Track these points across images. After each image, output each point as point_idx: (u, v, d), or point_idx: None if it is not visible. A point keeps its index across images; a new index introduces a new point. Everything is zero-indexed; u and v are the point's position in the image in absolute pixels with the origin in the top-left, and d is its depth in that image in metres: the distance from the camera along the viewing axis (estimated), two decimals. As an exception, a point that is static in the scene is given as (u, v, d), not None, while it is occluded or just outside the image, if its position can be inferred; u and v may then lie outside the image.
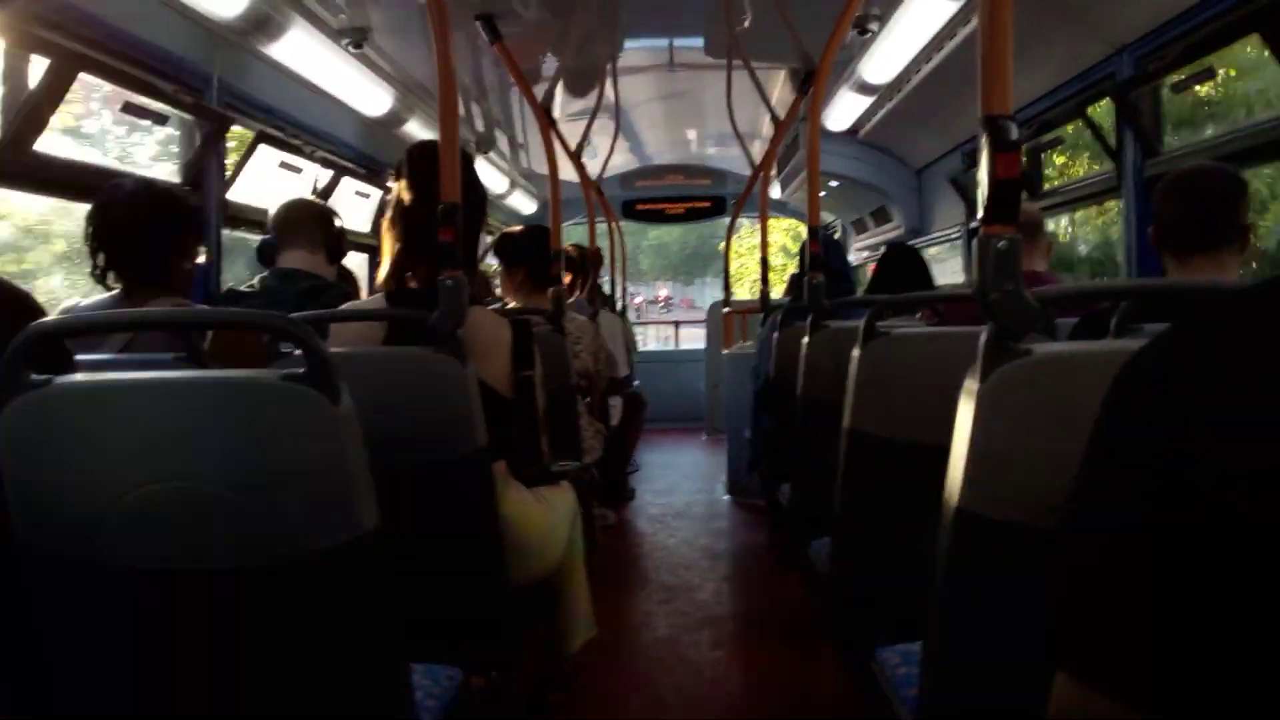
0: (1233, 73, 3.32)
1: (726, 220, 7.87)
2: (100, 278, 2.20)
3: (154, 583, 1.29)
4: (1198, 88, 3.19)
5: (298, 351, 1.27)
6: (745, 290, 19.04)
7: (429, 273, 1.85)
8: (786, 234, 20.28)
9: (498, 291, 3.72)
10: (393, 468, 1.70)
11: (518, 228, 3.84)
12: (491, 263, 3.69)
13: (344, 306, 2.28)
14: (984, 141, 1.22)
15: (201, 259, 2.40)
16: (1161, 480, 0.50)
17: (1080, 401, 1.21)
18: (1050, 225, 4.57)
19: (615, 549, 4.63)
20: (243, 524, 1.26)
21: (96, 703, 1.37)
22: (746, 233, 19.80)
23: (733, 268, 7.74)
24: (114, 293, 2.21)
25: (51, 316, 1.46)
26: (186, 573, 1.29)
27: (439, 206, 1.84)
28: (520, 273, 3.63)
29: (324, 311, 2.23)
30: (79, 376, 1.32)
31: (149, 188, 2.25)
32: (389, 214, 2.18)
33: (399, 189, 2.16)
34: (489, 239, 4.52)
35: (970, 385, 1.28)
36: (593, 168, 6.53)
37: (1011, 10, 1.22)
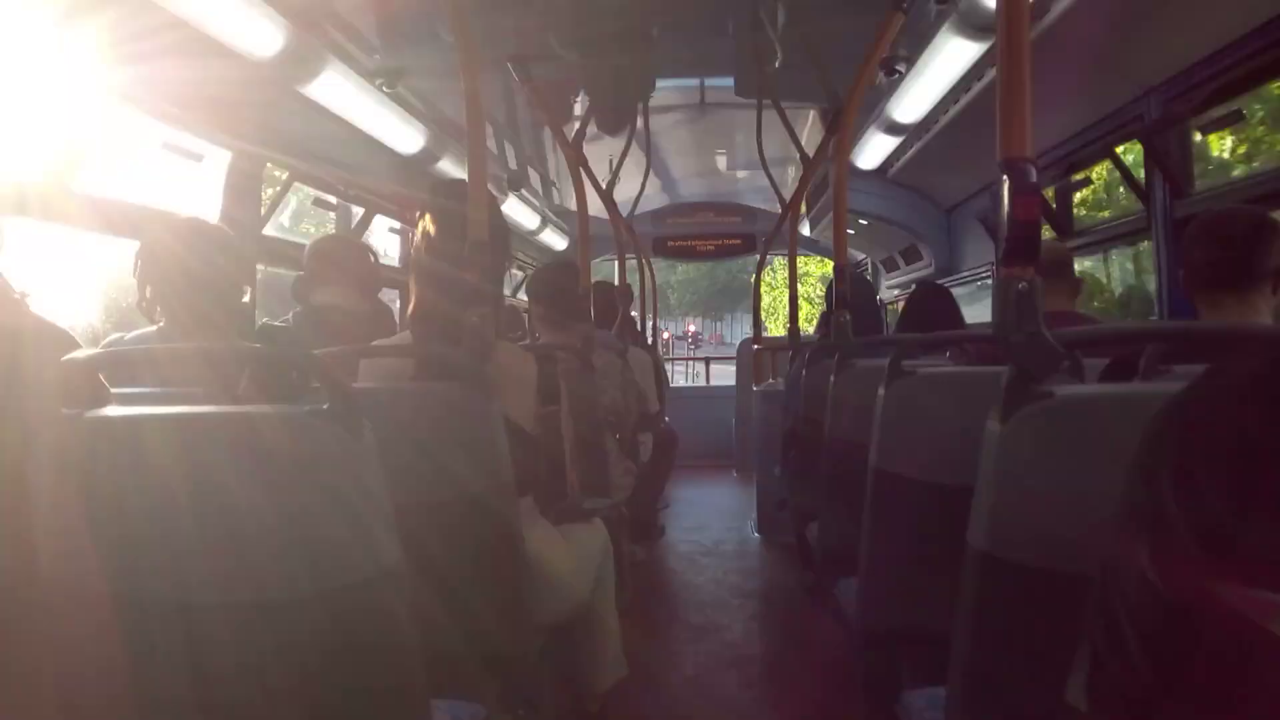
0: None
1: (756, 257, 7.89)
2: (147, 311, 2.25)
3: (178, 617, 1.31)
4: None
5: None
6: (782, 325, 18.94)
7: (455, 309, 1.87)
8: (819, 269, 20.21)
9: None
10: (417, 501, 1.72)
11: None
12: (523, 298, 3.71)
13: (375, 343, 2.31)
14: (1003, 184, 1.23)
15: (246, 297, 2.44)
16: (1197, 532, 0.50)
17: (1102, 444, 1.21)
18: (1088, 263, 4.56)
19: (644, 586, 4.60)
20: (265, 558, 1.27)
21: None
22: (783, 266, 19.71)
23: (766, 302, 7.73)
24: (159, 326, 2.26)
25: (88, 350, 1.49)
26: (210, 608, 1.30)
27: (464, 243, 1.87)
28: (541, 307, 3.65)
29: (352, 348, 2.27)
30: (109, 410, 1.35)
31: (198, 224, 2.31)
32: (416, 250, 2.21)
33: (424, 225, 2.18)
34: (518, 274, 4.55)
35: (992, 426, 1.28)
36: (624, 205, 6.57)
37: (1027, 55, 1.23)
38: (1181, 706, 0.51)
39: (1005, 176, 1.23)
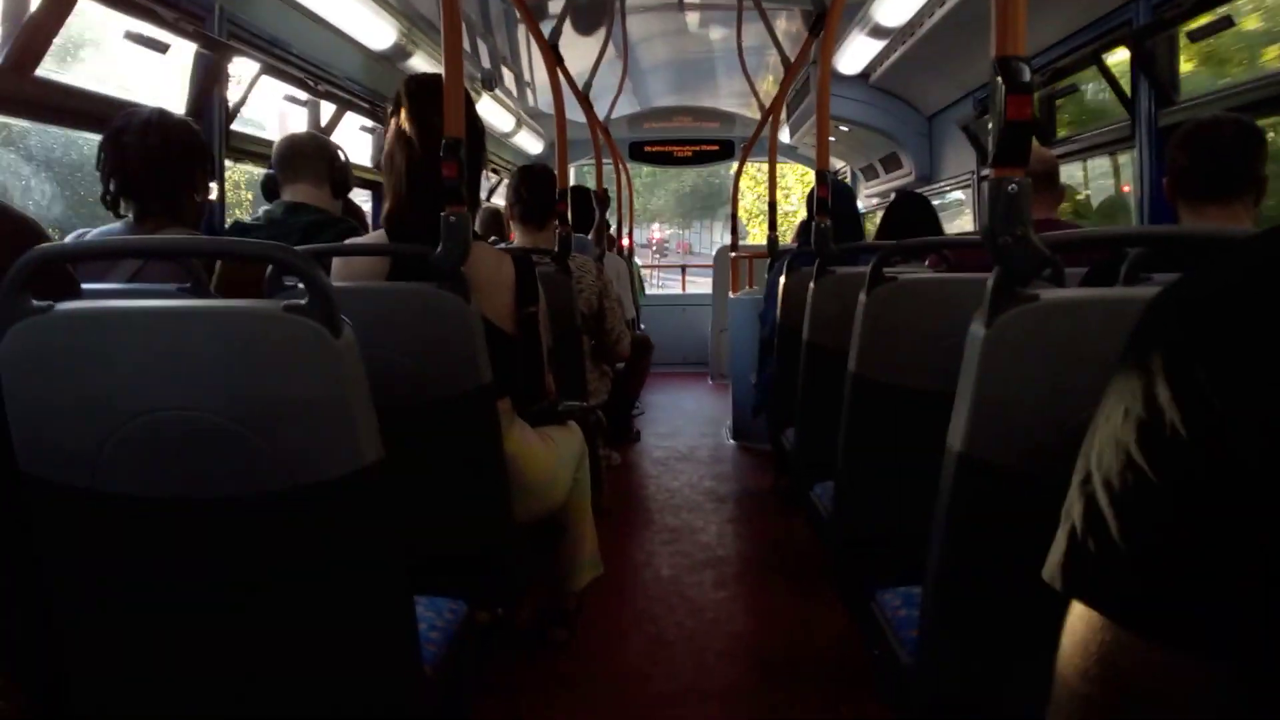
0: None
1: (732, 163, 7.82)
2: (111, 205, 2.20)
3: (154, 511, 1.30)
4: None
5: (300, 285, 1.27)
6: (760, 233, 18.74)
7: (432, 208, 1.83)
8: (800, 180, 19.99)
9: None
10: (396, 403, 1.71)
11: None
12: (500, 201, 3.66)
13: (349, 241, 2.27)
14: (996, 83, 1.20)
15: (213, 193, 2.39)
16: (1179, 426, 0.50)
17: (1086, 347, 1.22)
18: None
19: (620, 490, 4.65)
20: (244, 454, 1.26)
21: (98, 627, 1.39)
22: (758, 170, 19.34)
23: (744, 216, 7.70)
24: (125, 220, 2.21)
25: (57, 243, 1.45)
26: (187, 501, 1.30)
27: (442, 141, 1.82)
28: (518, 209, 3.62)
29: (327, 245, 2.23)
30: (81, 303, 1.32)
31: (162, 117, 2.24)
32: (388, 148, 2.15)
33: (398, 121, 2.12)
34: (493, 177, 4.47)
35: (976, 330, 1.28)
36: (600, 108, 6.46)
37: (1027, -50, 1.20)
38: (1155, 584, 0.52)
39: (998, 76, 1.20)
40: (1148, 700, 0.53)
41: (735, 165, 7.90)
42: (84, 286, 1.48)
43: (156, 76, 3.12)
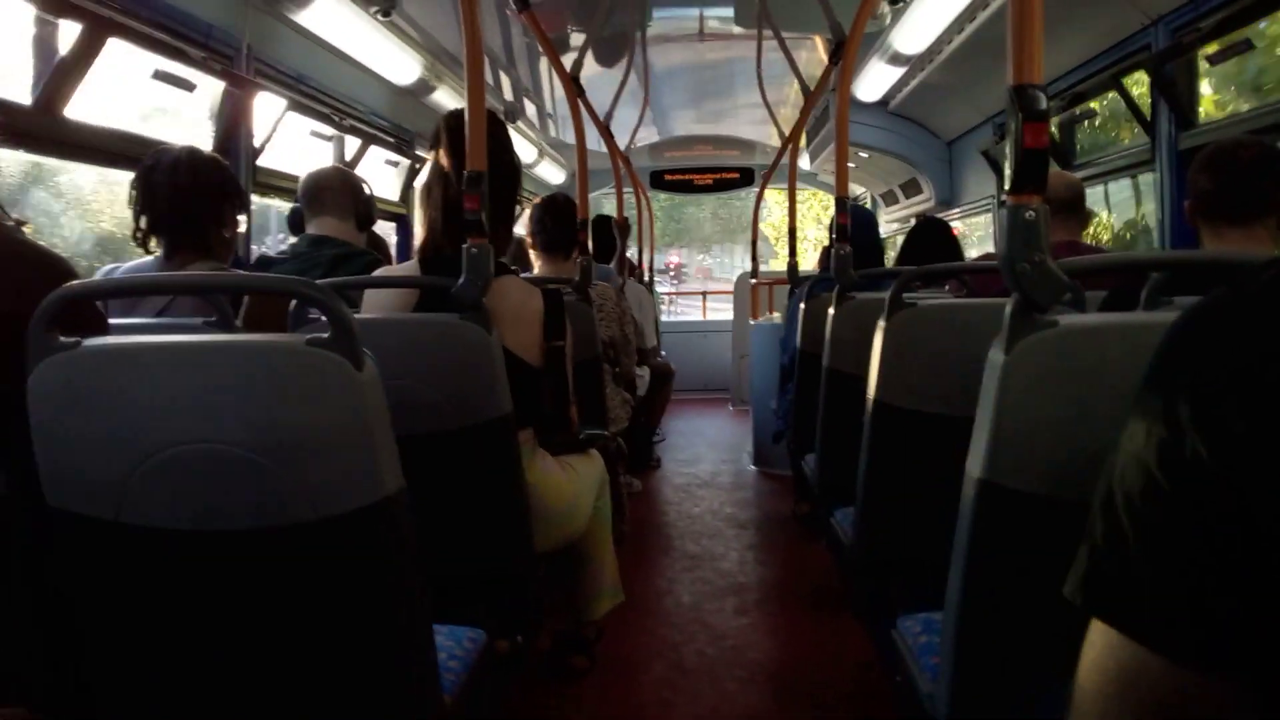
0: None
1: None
2: (142, 242, 2.24)
3: (177, 543, 1.32)
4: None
5: (324, 318, 1.29)
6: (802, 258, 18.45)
7: (463, 240, 1.86)
8: (825, 209, 19.94)
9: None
10: (418, 432, 1.73)
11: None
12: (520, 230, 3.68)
13: (375, 273, 2.29)
14: (1013, 110, 1.21)
15: (242, 228, 2.42)
16: (1200, 447, 0.51)
17: (1106, 373, 1.22)
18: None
19: (640, 517, 4.65)
20: (267, 486, 1.28)
21: (121, 659, 1.40)
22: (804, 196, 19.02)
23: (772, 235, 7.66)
24: (155, 256, 2.25)
25: (85, 279, 1.48)
26: (211, 534, 1.31)
27: (464, 174, 1.85)
28: (539, 238, 3.63)
29: (351, 278, 2.26)
30: (108, 339, 1.34)
31: (192, 155, 2.29)
32: (425, 181, 2.19)
33: (436, 156, 2.16)
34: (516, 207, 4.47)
35: (995, 356, 1.28)
36: (621, 138, 6.50)
37: (1041, -24, 1.21)
38: (1174, 603, 0.52)
39: (1015, 103, 1.21)
40: (1168, 719, 0.53)
41: (756, 190, 7.92)
42: (111, 321, 1.50)
43: (180, 112, 3.17)
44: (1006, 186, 1.24)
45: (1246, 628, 0.50)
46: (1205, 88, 3.32)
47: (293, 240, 2.79)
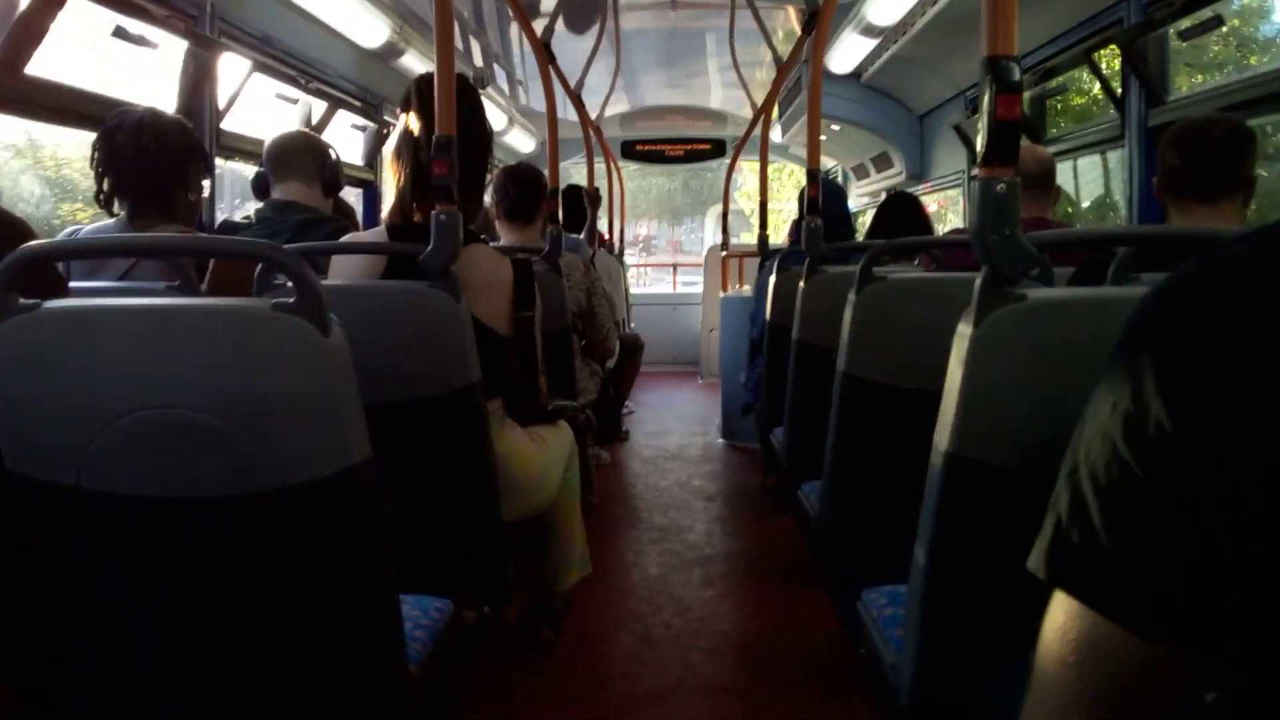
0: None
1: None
2: (105, 203, 2.20)
3: (143, 509, 1.30)
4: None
5: (289, 283, 1.27)
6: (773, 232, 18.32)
7: (432, 207, 1.84)
8: (795, 183, 19.84)
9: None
10: (386, 401, 1.71)
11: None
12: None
13: (342, 239, 2.26)
14: (986, 82, 1.21)
15: (206, 192, 2.39)
16: (1164, 420, 0.51)
17: (1074, 346, 1.22)
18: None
19: (609, 489, 4.65)
20: (232, 453, 1.26)
21: (89, 626, 1.38)
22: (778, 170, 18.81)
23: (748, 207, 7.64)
24: (118, 218, 2.21)
25: (45, 240, 1.45)
26: (176, 500, 1.29)
27: (434, 139, 1.83)
28: (504, 205, 3.61)
29: (318, 244, 2.24)
30: (68, 302, 1.32)
31: (155, 116, 2.25)
32: (394, 146, 2.15)
33: (406, 120, 2.13)
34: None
35: (964, 329, 1.28)
36: (593, 107, 6.45)
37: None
38: (1136, 574, 0.53)
39: (989, 75, 1.21)
40: (1126, 688, 0.54)
41: (727, 162, 7.90)
42: (73, 285, 1.47)
43: (142, 74, 3.10)
44: (978, 159, 1.24)
45: (1208, 600, 0.51)
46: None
47: (256, 208, 2.75)
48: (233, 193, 4.11)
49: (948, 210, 6.58)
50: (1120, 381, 0.54)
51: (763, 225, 5.01)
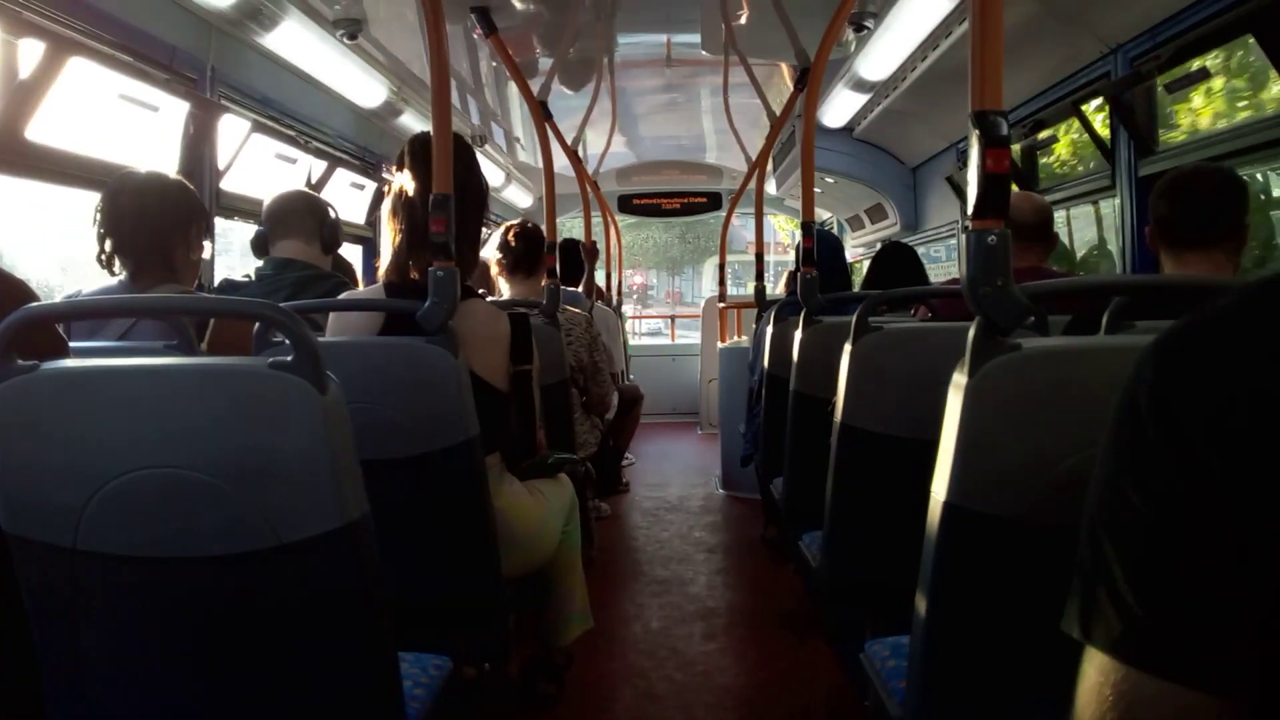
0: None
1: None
2: (106, 264, 2.22)
3: (139, 570, 1.29)
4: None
5: (287, 341, 1.27)
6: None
7: (429, 263, 1.85)
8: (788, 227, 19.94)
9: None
10: (383, 457, 1.71)
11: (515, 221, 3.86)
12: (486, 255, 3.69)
13: (341, 296, 2.28)
14: (974, 137, 1.23)
15: (206, 252, 2.40)
16: (1170, 468, 0.51)
17: (1069, 396, 1.23)
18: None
19: (609, 541, 4.63)
20: (228, 511, 1.26)
21: (84, 687, 1.37)
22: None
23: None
24: (119, 279, 2.23)
25: (45, 302, 1.46)
26: (171, 560, 1.29)
27: (430, 197, 1.85)
28: (507, 260, 3.66)
29: (315, 301, 2.24)
30: (67, 363, 1.32)
31: (157, 178, 2.28)
32: (389, 204, 2.18)
33: (401, 179, 2.15)
34: (484, 232, 4.46)
35: (959, 379, 1.29)
36: (590, 163, 6.51)
37: (1002, 6, 1.23)
38: (1164, 624, 0.53)
39: (976, 129, 1.23)
40: None
41: (724, 214, 7.97)
42: (72, 345, 1.48)
43: (145, 136, 3.13)
44: (969, 212, 1.25)
45: (1238, 644, 0.51)
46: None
47: (257, 265, 2.77)
48: (243, 249, 4.13)
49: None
50: (1125, 433, 0.55)
51: (759, 276, 5.03)
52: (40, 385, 1.27)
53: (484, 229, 2.37)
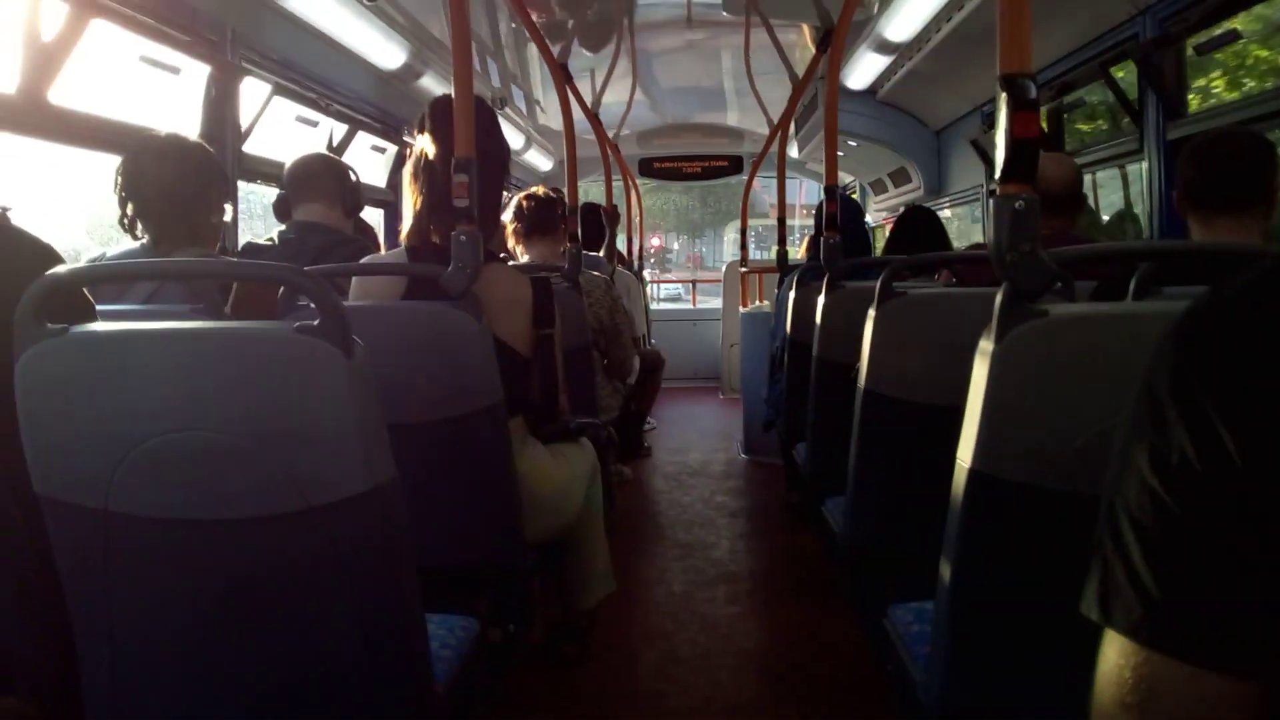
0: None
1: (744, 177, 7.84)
2: (129, 228, 2.23)
3: (169, 531, 1.31)
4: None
5: (312, 305, 1.28)
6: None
7: (451, 227, 1.85)
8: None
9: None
10: (409, 421, 1.72)
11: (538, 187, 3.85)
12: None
13: (363, 260, 2.28)
14: (1002, 100, 1.21)
15: (228, 215, 2.41)
16: (1189, 450, 0.51)
17: (1096, 363, 1.22)
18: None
19: (631, 506, 4.65)
20: (256, 475, 1.27)
21: (111, 648, 1.39)
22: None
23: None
24: (142, 243, 2.24)
25: (72, 265, 1.47)
26: (201, 522, 1.31)
27: (452, 160, 1.84)
28: (523, 224, 3.66)
29: (339, 265, 2.25)
30: (96, 326, 1.33)
31: (178, 141, 2.28)
32: (411, 168, 2.17)
33: (422, 143, 2.15)
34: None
35: (985, 345, 1.28)
36: (610, 126, 6.47)
37: (1031, -35, 1.21)
38: (1184, 607, 0.53)
39: (1004, 92, 1.21)
40: None
41: (746, 178, 7.92)
42: (99, 308, 1.49)
43: (165, 98, 3.14)
44: (996, 176, 1.24)
45: (1258, 627, 0.51)
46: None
47: (281, 228, 2.78)
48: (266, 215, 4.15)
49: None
50: (1145, 416, 0.55)
51: (781, 241, 5.01)
52: (69, 349, 1.29)
53: (504, 193, 2.36)
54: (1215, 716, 0.53)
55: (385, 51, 4.21)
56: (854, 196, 8.48)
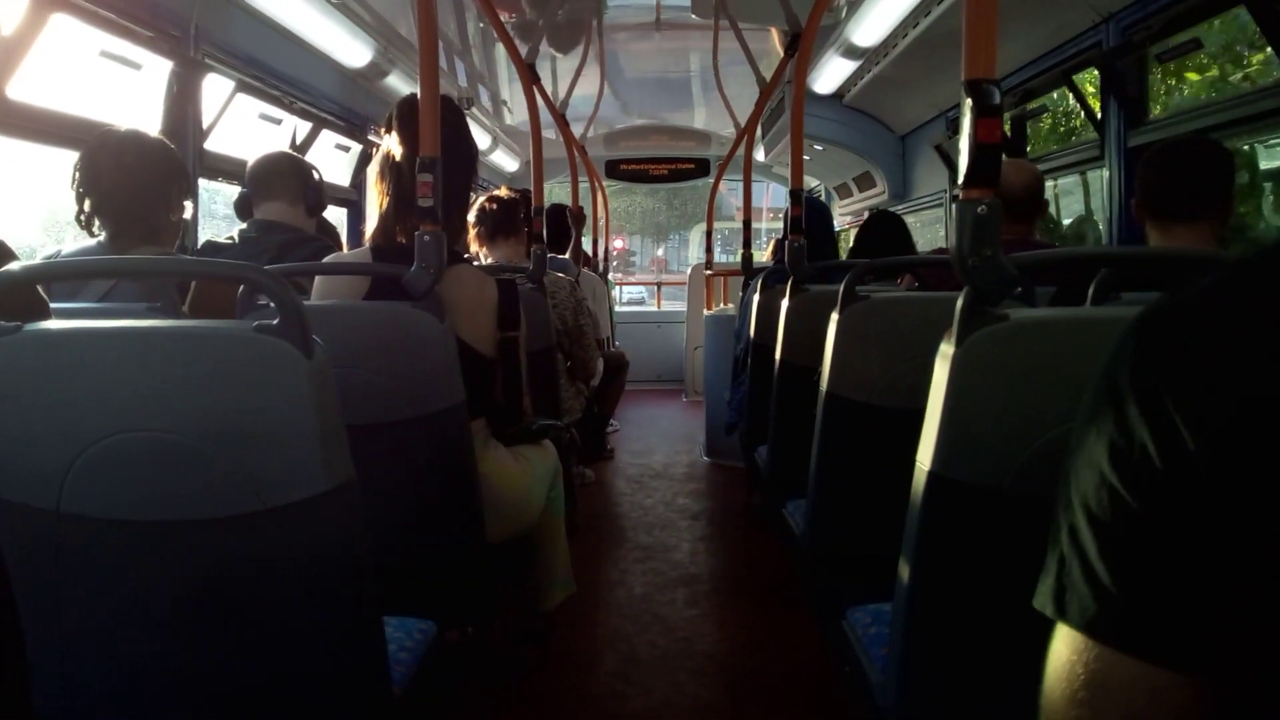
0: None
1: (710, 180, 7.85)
2: (86, 224, 2.19)
3: (123, 533, 1.29)
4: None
5: (272, 304, 1.26)
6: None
7: (416, 227, 1.84)
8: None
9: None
10: (369, 421, 1.71)
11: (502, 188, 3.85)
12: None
13: (325, 259, 2.26)
14: (966, 105, 1.22)
15: (188, 213, 2.38)
16: (1149, 447, 0.51)
17: (1056, 367, 1.23)
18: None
19: (593, 507, 4.64)
20: (212, 475, 1.26)
21: (66, 649, 1.37)
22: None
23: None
24: (99, 240, 2.20)
25: (25, 262, 1.44)
26: (155, 524, 1.28)
27: (417, 160, 1.83)
28: (486, 225, 3.66)
29: (299, 264, 2.23)
30: (49, 324, 1.31)
31: (137, 137, 2.25)
32: (378, 168, 2.16)
33: (389, 142, 2.13)
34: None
35: (946, 349, 1.29)
36: (577, 127, 6.46)
37: (997, -28, 1.22)
38: (1137, 603, 0.53)
39: (968, 98, 1.22)
40: None
41: (712, 181, 7.94)
42: (54, 306, 1.47)
43: (127, 94, 3.09)
44: (959, 181, 1.25)
45: (1211, 624, 0.51)
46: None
47: (241, 226, 2.74)
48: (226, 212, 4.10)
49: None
50: (1105, 410, 0.55)
51: (746, 244, 5.02)
52: (22, 347, 1.26)
53: (471, 194, 2.35)
54: (1166, 712, 0.53)
55: (351, 49, 4.19)
56: (820, 199, 8.53)
